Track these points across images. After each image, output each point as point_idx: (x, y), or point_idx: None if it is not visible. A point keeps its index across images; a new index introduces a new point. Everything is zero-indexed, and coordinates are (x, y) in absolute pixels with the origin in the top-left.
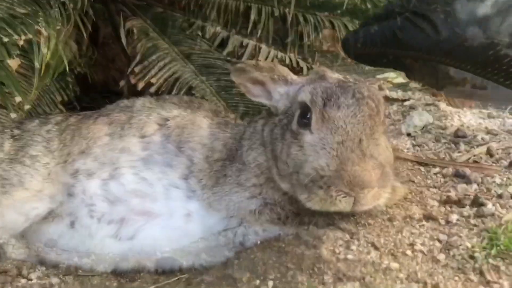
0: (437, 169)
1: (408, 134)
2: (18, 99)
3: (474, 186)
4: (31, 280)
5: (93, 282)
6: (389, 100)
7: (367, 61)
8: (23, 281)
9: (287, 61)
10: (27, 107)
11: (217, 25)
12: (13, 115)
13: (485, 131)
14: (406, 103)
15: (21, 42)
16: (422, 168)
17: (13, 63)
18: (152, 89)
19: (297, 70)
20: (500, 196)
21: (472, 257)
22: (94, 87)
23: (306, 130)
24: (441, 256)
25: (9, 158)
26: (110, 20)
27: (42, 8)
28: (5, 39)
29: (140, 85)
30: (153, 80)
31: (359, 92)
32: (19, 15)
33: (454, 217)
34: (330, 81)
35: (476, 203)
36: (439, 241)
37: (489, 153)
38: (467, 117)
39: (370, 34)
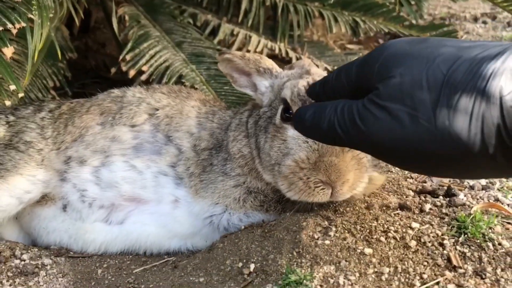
0: None
1: None
2: (12, 87)
3: None
4: (24, 260)
5: (83, 263)
6: None
7: None
8: (17, 261)
9: (277, 51)
10: (21, 95)
11: (208, 12)
12: (7, 103)
13: None
14: None
15: (14, 31)
16: None
17: (7, 51)
18: (143, 77)
19: (286, 61)
20: (471, 187)
21: (441, 244)
22: (85, 72)
23: (289, 124)
24: (413, 243)
25: (4, 144)
26: (102, 5)
27: None
28: (0, 28)
29: (131, 73)
30: (144, 68)
31: None
32: (12, 3)
33: (427, 207)
34: (315, 78)
35: (449, 193)
36: (412, 228)
37: None
38: None
39: None
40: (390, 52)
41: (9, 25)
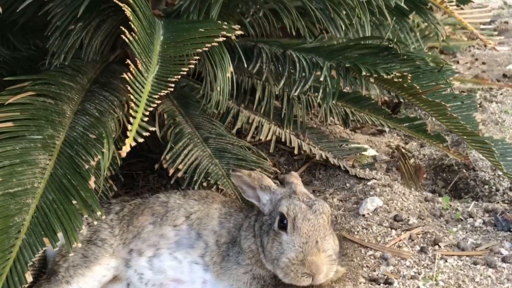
0: (372, 252)
1: (363, 215)
2: (99, 213)
3: (391, 267)
4: None
5: None
6: (357, 179)
7: None
8: None
9: (283, 138)
10: (103, 217)
11: (229, 98)
12: (95, 223)
13: (418, 215)
14: (369, 183)
15: (93, 164)
16: (362, 250)
17: (91, 181)
18: (179, 174)
19: (290, 147)
20: (404, 277)
21: None
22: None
23: (283, 231)
24: None
25: (87, 240)
26: None
27: (105, 128)
28: (86, 166)
29: (171, 171)
30: (180, 166)
31: (317, 209)
32: (91, 140)
33: None
34: (299, 198)
35: (387, 282)
36: None
37: (411, 238)
38: (409, 201)
39: None
40: None
41: (92, 162)
